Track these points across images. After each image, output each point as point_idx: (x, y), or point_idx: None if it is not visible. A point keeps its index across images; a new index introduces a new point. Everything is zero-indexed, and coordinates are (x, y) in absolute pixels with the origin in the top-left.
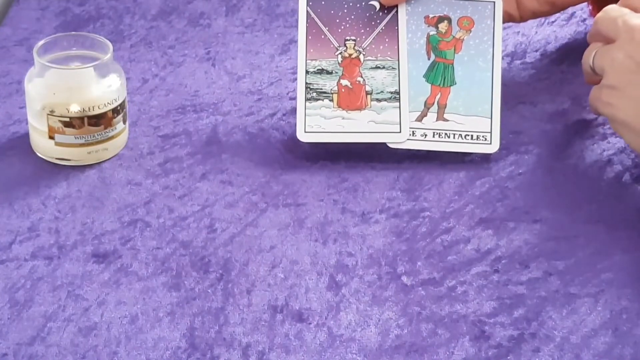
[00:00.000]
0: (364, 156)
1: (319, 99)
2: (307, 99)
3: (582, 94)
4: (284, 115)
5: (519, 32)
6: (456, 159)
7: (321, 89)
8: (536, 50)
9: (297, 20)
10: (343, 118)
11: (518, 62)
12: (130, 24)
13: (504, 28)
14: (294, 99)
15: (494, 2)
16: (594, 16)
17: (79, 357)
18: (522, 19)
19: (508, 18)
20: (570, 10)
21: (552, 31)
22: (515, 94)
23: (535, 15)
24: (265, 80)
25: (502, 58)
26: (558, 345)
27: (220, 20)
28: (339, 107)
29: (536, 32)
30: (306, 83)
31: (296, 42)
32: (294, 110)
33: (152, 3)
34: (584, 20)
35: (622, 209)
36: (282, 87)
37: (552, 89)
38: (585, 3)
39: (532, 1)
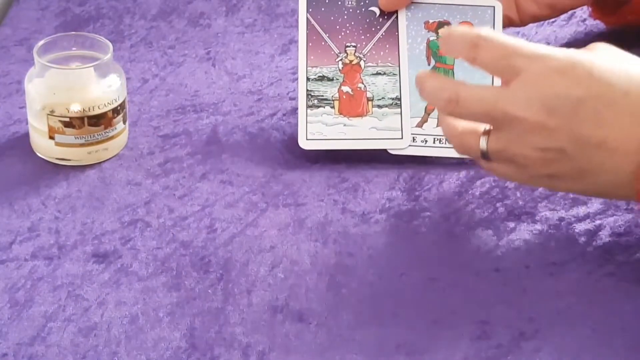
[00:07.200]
0: (364, 156)
1: (320, 106)
2: (308, 106)
3: None
4: (284, 115)
5: (519, 32)
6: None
7: (322, 95)
8: None
9: (297, 20)
10: (344, 125)
11: None
12: (130, 24)
13: (504, 29)
14: (294, 99)
15: (494, 6)
16: (595, 18)
17: (79, 357)
18: (523, 22)
19: (508, 22)
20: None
21: (552, 31)
22: None
23: (535, 19)
24: (265, 80)
25: None
26: (558, 345)
27: (220, 20)
28: (340, 113)
29: (536, 32)
30: (307, 90)
31: (296, 42)
32: (294, 110)
33: (152, 3)
34: (584, 20)
35: (622, 209)
36: (282, 87)
37: None
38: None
39: (532, 5)
